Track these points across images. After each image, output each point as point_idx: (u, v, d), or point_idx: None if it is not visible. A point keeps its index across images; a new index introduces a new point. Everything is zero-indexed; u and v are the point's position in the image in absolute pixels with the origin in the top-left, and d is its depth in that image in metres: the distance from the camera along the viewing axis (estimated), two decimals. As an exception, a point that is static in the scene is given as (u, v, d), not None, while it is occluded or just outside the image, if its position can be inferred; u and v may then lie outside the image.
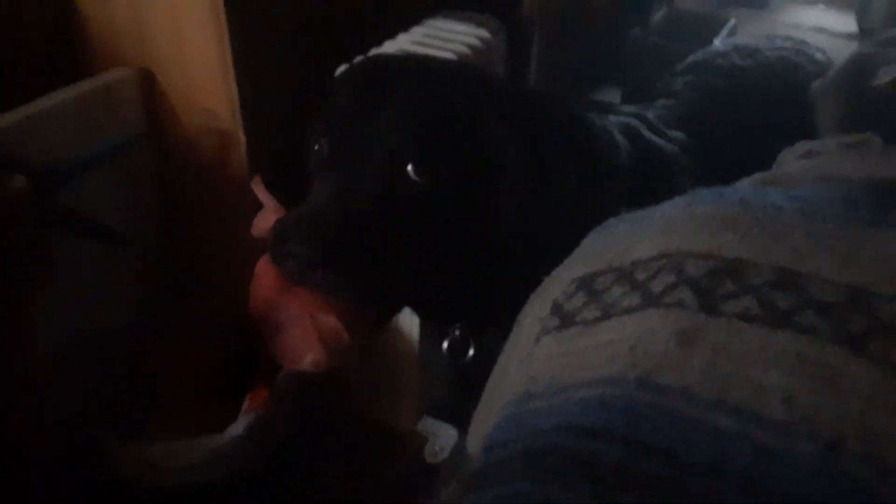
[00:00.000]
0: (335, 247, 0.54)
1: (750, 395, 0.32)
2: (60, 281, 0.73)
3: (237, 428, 0.83)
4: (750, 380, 0.33)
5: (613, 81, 1.53)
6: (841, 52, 0.99)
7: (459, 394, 1.04)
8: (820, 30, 1.97)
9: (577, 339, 0.41)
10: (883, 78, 0.64)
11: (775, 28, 1.86)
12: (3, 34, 0.82)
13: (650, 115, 0.77)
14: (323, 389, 0.93)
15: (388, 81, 0.58)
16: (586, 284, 0.44)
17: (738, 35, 1.57)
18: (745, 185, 0.49)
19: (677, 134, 0.76)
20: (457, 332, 0.70)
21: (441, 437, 1.01)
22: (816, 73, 0.92)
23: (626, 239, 0.46)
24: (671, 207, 0.46)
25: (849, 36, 1.92)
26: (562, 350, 0.41)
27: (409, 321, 0.91)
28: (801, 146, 0.57)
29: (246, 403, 0.88)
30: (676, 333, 0.36)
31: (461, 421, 1.05)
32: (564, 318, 0.43)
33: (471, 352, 0.69)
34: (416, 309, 0.70)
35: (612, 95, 1.48)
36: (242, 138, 0.88)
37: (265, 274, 0.59)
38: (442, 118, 0.56)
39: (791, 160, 0.55)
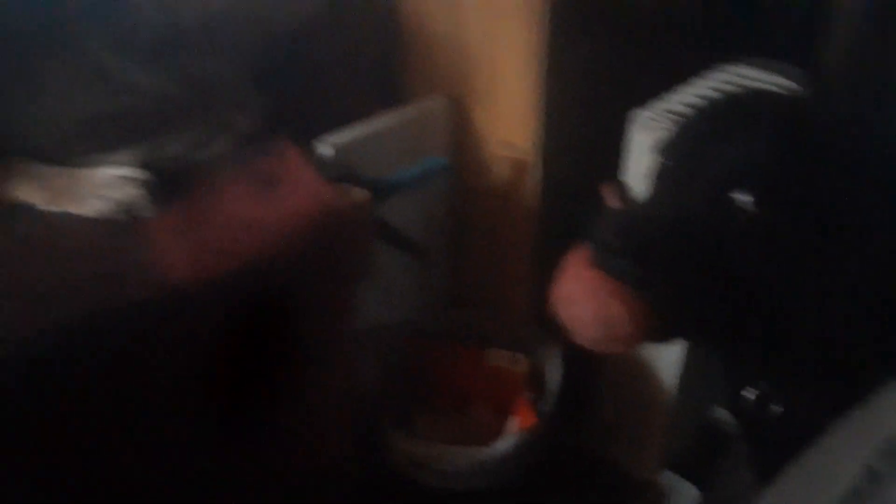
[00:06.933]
0: (639, 242, 0.58)
1: None
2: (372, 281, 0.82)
3: (506, 443, 0.86)
4: None
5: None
6: None
7: (708, 452, 0.97)
8: None
9: None
10: None
11: None
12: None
13: None
14: (562, 425, 0.95)
15: (736, 112, 0.62)
16: None
17: None
18: None
19: None
20: (758, 387, 0.65)
21: (680, 495, 0.98)
22: None
23: None
24: None
25: None
26: None
27: (669, 366, 0.89)
28: None
29: (514, 420, 0.91)
30: None
31: (704, 482, 0.98)
32: None
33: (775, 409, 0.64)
34: (717, 348, 0.69)
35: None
36: (538, 170, 0.93)
37: (573, 258, 0.63)
38: (783, 152, 0.57)
39: None
